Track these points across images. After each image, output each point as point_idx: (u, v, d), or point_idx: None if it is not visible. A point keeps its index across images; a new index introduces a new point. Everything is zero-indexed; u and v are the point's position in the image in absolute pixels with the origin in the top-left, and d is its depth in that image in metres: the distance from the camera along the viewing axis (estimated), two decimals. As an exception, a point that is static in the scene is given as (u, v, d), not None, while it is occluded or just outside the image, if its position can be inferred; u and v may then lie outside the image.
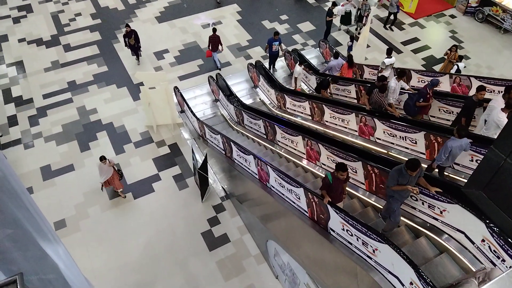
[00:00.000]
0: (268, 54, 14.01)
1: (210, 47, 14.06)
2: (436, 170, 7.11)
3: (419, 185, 5.94)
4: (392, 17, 16.40)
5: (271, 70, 14.26)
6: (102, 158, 9.73)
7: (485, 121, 7.43)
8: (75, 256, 3.73)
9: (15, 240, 2.68)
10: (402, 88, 9.82)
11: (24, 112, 12.90)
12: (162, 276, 9.19)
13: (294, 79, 12.96)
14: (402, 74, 9.67)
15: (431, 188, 5.65)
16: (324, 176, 6.65)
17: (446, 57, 13.15)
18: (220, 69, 14.63)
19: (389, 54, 11.97)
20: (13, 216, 2.64)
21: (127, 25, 13.75)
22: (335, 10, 15.41)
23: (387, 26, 16.73)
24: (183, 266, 9.37)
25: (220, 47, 13.99)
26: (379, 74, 12.76)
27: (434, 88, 9.19)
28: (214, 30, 13.93)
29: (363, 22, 15.90)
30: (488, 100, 7.76)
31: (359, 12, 16.03)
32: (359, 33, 16.09)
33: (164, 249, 9.66)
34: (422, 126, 7.86)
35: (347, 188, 7.75)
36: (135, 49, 14.22)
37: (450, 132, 7.00)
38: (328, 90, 11.93)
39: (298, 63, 12.88)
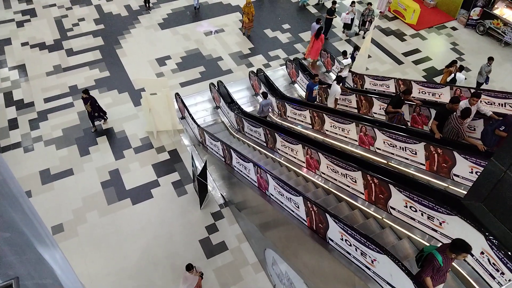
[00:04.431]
0: (307, 100, 12.50)
1: None
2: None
3: None
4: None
5: None
6: (190, 268, 8.08)
7: None
8: (72, 261, 3.72)
9: (12, 243, 2.67)
10: (479, 113, 8.35)
11: (25, 116, 12.91)
12: (159, 283, 9.13)
13: (334, 100, 11.33)
14: (479, 95, 7.99)
15: None
16: (425, 255, 4.91)
17: (445, 69, 13.18)
18: (196, 9, 17.74)
19: (344, 55, 13.39)
20: (11, 219, 2.63)
21: (85, 91, 11.84)
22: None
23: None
24: (180, 273, 9.26)
25: None
26: (338, 74, 13.27)
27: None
28: None
29: (366, 26, 16.14)
30: None
31: (362, 18, 16.26)
32: (363, 37, 16.49)
33: (161, 256, 9.60)
34: (422, 137, 7.86)
35: (349, 200, 7.75)
36: (92, 117, 12.35)
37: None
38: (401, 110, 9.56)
39: (336, 81, 11.22)
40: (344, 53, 13.48)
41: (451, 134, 7.79)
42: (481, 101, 8.58)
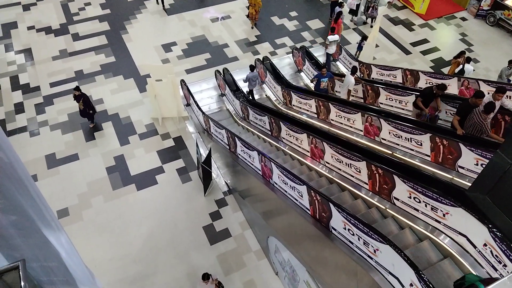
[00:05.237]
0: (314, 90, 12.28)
1: None
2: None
3: None
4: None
5: None
6: (205, 277, 7.88)
7: None
8: (76, 245, 3.76)
9: (19, 226, 2.70)
10: (502, 108, 7.90)
11: (31, 100, 12.95)
12: (163, 268, 9.23)
13: (347, 91, 11.05)
14: (504, 90, 7.57)
15: None
16: (467, 285, 4.47)
17: (452, 60, 13.01)
18: None
19: (332, 31, 13.74)
20: (18, 202, 2.65)
21: (76, 88, 11.45)
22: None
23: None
24: (184, 259, 9.40)
25: None
26: (326, 50, 13.74)
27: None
28: None
29: (369, 12, 15.94)
30: None
31: (367, 4, 16.11)
32: (371, 26, 16.29)
33: (165, 242, 9.70)
34: (428, 128, 7.81)
35: (351, 188, 7.76)
36: (87, 114, 11.88)
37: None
38: (436, 104, 8.99)
39: (350, 72, 11.10)
40: (332, 30, 13.75)
41: (474, 130, 7.43)
42: (507, 97, 8.24)
